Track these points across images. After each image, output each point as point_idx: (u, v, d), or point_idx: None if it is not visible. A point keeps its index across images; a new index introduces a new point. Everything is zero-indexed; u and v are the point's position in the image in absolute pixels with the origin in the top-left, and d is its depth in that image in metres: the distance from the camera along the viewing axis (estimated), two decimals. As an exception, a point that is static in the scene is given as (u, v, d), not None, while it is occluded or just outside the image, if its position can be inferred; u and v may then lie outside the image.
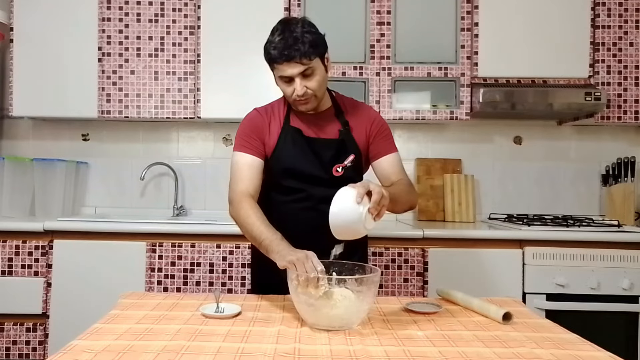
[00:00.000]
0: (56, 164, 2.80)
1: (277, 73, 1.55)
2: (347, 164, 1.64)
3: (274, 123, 1.66)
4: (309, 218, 1.62)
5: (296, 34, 1.48)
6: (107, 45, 2.72)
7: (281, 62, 1.50)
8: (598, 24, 2.68)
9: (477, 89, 2.61)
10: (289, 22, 1.53)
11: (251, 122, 1.67)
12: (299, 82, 1.52)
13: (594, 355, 1.10)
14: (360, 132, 1.67)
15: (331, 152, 1.64)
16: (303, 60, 1.49)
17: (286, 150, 1.63)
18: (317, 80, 1.54)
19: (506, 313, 1.31)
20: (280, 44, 1.49)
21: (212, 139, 3.06)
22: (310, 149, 1.63)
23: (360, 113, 1.70)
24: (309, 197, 1.64)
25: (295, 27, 1.50)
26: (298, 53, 1.48)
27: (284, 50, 1.48)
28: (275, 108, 1.70)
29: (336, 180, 1.62)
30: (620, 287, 2.34)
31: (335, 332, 1.21)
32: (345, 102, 1.72)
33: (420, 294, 2.39)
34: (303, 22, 1.53)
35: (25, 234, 2.43)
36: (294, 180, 1.64)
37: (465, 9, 2.68)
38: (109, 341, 1.12)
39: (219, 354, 1.05)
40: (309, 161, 1.63)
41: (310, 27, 1.53)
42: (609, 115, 2.69)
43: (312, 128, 1.65)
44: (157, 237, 2.43)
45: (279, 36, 1.50)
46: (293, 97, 1.56)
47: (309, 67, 1.51)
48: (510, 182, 3.02)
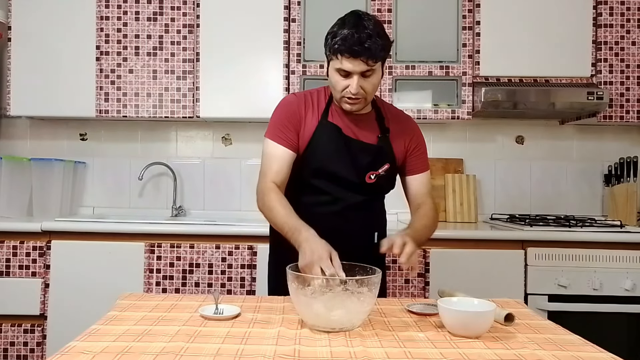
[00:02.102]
0: (54, 164, 2.79)
1: (336, 65, 1.47)
2: (381, 172, 1.59)
3: (311, 115, 1.59)
4: (333, 223, 1.55)
5: (369, 31, 1.42)
6: (105, 44, 2.71)
7: (347, 57, 1.43)
8: (600, 23, 2.67)
9: (479, 88, 2.59)
10: (362, 17, 1.46)
11: (288, 110, 1.59)
12: (356, 80, 1.45)
13: (597, 356, 1.09)
14: (399, 143, 1.63)
15: (368, 158, 1.58)
16: (369, 61, 1.43)
17: (321, 147, 1.56)
18: (374, 83, 1.49)
19: (508, 314, 1.30)
20: (352, 38, 1.41)
21: (212, 139, 3.05)
22: (346, 150, 1.57)
23: (401, 123, 1.65)
24: (335, 201, 1.59)
25: (369, 24, 1.43)
26: (367, 53, 1.42)
27: (354, 45, 1.41)
28: (314, 98, 1.62)
29: (367, 187, 1.59)
30: (622, 287, 2.32)
31: (336, 333, 1.20)
32: (387, 109, 1.67)
33: (422, 295, 2.37)
34: (376, 21, 1.47)
35: (23, 234, 2.42)
36: (323, 181, 1.58)
37: (467, 7, 2.66)
38: (108, 342, 1.11)
39: (218, 356, 1.04)
40: (344, 163, 1.57)
41: (382, 29, 1.47)
42: (612, 114, 2.67)
43: (352, 128, 1.59)
44: (156, 237, 2.42)
45: (350, 28, 1.43)
46: (344, 93, 1.49)
47: (371, 69, 1.45)
48: (512, 182, 3.01)
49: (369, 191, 1.62)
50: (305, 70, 2.65)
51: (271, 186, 1.52)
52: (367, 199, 1.63)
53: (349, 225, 1.55)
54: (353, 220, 1.61)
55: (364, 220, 1.65)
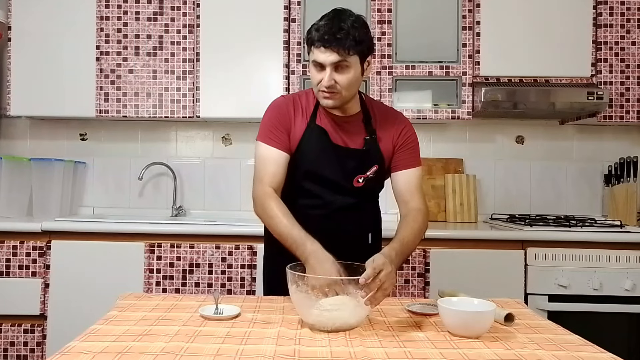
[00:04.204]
0: (54, 164, 2.79)
1: (312, 57, 1.48)
2: (369, 175, 1.58)
3: (300, 116, 1.58)
4: (326, 226, 1.54)
5: (344, 23, 1.43)
6: (105, 44, 2.71)
7: (318, 46, 1.44)
8: (600, 23, 2.67)
9: (479, 88, 2.59)
10: (342, 12, 1.48)
11: (279, 111, 1.59)
12: (329, 72, 1.45)
13: (597, 356, 1.09)
14: (387, 141, 1.61)
15: (355, 163, 1.57)
16: (340, 50, 1.42)
17: (309, 150, 1.56)
18: (348, 78, 1.47)
19: (508, 314, 1.30)
20: (324, 28, 1.43)
21: (212, 139, 3.05)
22: (334, 155, 1.56)
23: (389, 121, 1.63)
24: (325, 204, 1.59)
25: (346, 19, 1.45)
26: (338, 42, 1.42)
27: (325, 34, 1.42)
28: (302, 100, 1.62)
29: (356, 190, 1.59)
30: (622, 287, 2.32)
31: (336, 333, 1.20)
32: (375, 108, 1.65)
33: (422, 295, 2.37)
34: (357, 17, 1.48)
35: (23, 234, 2.42)
36: (313, 184, 1.58)
37: (467, 7, 2.66)
38: (108, 342, 1.11)
39: (218, 356, 1.04)
40: (331, 167, 1.56)
41: (361, 25, 1.47)
42: (612, 114, 2.67)
43: (339, 132, 1.58)
44: (156, 237, 2.41)
45: (326, 20, 1.45)
46: (319, 86, 1.49)
47: (344, 60, 1.44)
48: (512, 182, 3.01)
49: (359, 194, 1.61)
50: (305, 70, 2.65)
51: (270, 192, 1.50)
52: (358, 201, 1.62)
53: (341, 227, 1.55)
54: (345, 222, 1.60)
55: (356, 222, 1.64)
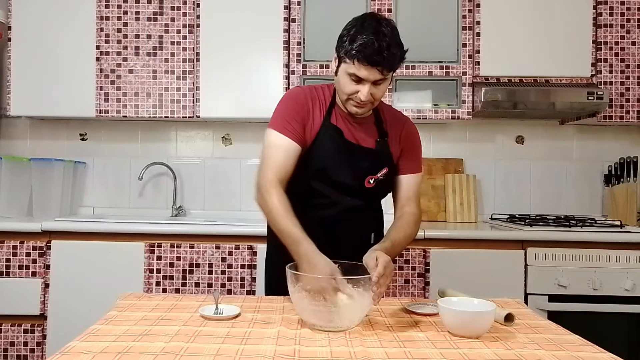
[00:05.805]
0: (54, 164, 2.79)
1: (349, 69, 1.42)
2: (380, 176, 1.58)
3: (318, 111, 1.55)
4: (330, 226, 1.54)
5: (389, 39, 1.38)
6: (105, 44, 2.71)
7: (363, 63, 1.38)
8: (600, 23, 2.67)
9: (479, 88, 2.59)
10: (381, 23, 1.41)
11: (296, 102, 1.54)
12: (368, 88, 1.42)
13: (597, 356, 1.09)
14: (395, 145, 1.61)
15: (367, 162, 1.56)
16: (385, 71, 1.40)
17: (323, 149, 1.53)
18: (383, 90, 1.47)
19: (508, 314, 1.30)
20: (372, 46, 1.36)
21: (212, 139, 3.05)
22: (347, 154, 1.54)
23: (397, 125, 1.63)
24: (333, 205, 1.56)
25: (388, 31, 1.40)
26: (386, 64, 1.39)
27: (373, 54, 1.37)
28: (320, 95, 1.58)
29: (365, 191, 1.58)
30: (622, 287, 2.32)
31: (336, 333, 1.20)
32: (385, 111, 1.65)
33: (422, 295, 2.37)
34: (393, 27, 1.43)
35: (23, 234, 2.41)
36: (322, 184, 1.55)
37: (467, 7, 2.66)
38: (108, 342, 1.11)
39: (218, 356, 1.04)
40: (344, 167, 1.54)
41: (398, 35, 1.43)
42: (612, 114, 2.67)
43: (352, 131, 1.56)
44: (156, 237, 2.41)
45: (370, 35, 1.38)
46: (353, 97, 1.46)
47: (384, 78, 1.43)
48: (512, 182, 3.01)
49: (367, 196, 1.61)
50: (305, 70, 2.65)
51: (274, 182, 1.45)
52: (365, 203, 1.62)
53: (346, 228, 1.54)
54: (350, 223, 1.60)
55: (361, 223, 1.64)
